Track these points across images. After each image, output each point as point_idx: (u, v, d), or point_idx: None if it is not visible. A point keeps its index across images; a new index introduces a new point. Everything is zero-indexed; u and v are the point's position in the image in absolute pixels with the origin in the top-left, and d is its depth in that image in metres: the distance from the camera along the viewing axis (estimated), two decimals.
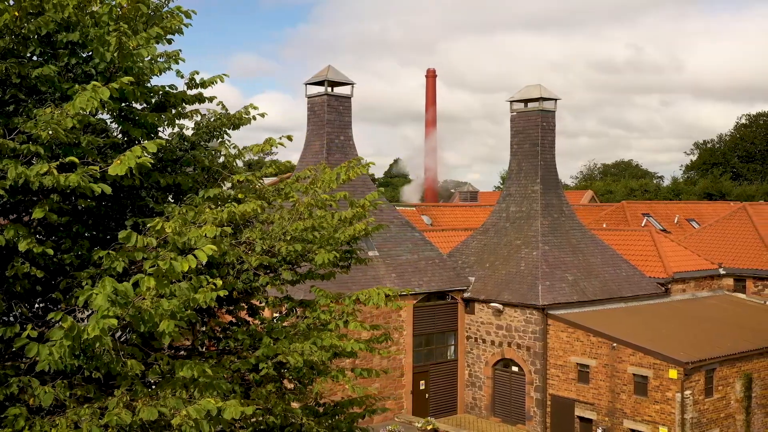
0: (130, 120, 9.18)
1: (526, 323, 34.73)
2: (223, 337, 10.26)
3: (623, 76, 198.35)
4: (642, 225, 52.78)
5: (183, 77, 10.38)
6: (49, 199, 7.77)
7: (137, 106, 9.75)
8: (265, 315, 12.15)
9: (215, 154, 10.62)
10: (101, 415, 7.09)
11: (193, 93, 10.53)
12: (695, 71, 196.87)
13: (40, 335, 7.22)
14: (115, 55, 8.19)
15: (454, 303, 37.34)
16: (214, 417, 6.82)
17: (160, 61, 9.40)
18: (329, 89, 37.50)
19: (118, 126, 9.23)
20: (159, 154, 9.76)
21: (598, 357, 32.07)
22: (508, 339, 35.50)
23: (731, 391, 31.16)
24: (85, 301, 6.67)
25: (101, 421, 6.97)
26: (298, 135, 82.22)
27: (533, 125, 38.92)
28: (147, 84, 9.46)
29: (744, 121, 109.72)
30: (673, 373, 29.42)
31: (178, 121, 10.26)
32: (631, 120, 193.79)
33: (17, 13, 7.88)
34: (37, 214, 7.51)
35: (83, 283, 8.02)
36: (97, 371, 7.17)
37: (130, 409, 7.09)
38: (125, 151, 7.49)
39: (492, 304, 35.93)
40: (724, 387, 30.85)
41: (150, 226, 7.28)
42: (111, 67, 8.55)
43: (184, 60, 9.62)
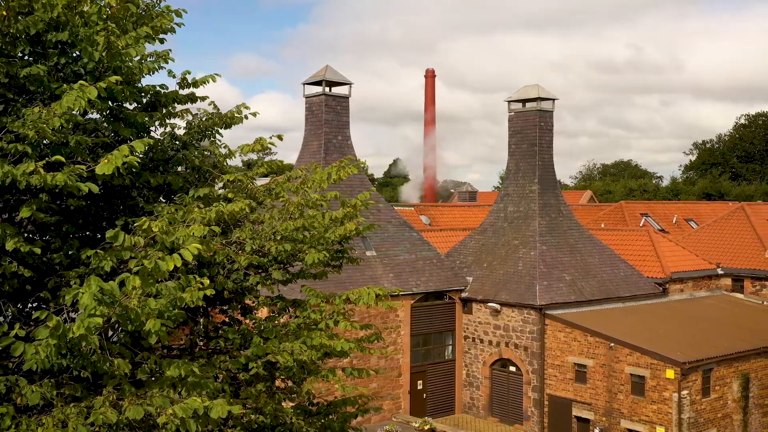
0: (120, 120, 9.18)
1: (524, 323, 34.74)
2: (214, 337, 10.26)
3: (623, 76, 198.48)
4: (640, 225, 52.77)
5: (174, 77, 10.38)
6: (38, 198, 7.78)
7: (128, 105, 9.77)
8: (259, 315, 12.16)
9: (206, 153, 10.62)
10: (87, 414, 7.09)
11: (186, 93, 10.54)
12: (695, 71, 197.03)
13: (29, 334, 7.22)
14: (103, 54, 8.20)
15: (451, 303, 37.35)
16: (202, 416, 6.82)
17: (149, 60, 9.39)
18: (327, 89, 37.53)
19: (108, 126, 9.22)
20: (150, 154, 9.77)
21: (596, 357, 32.07)
22: (505, 339, 35.50)
23: (728, 391, 31.16)
24: (74, 301, 6.67)
25: (87, 420, 6.96)
26: (297, 135, 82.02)
27: (531, 125, 38.93)
28: (137, 84, 9.47)
29: (743, 121, 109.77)
30: (670, 373, 29.42)
31: (169, 121, 10.27)
32: (631, 120, 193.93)
33: (5, 13, 7.88)
34: (24, 213, 7.52)
35: (71, 283, 8.03)
36: (84, 370, 7.17)
37: (117, 409, 7.09)
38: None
39: (489, 304, 35.94)
40: (721, 387, 30.85)
41: (137, 226, 7.29)
42: (100, 67, 8.55)
43: (174, 60, 9.63)
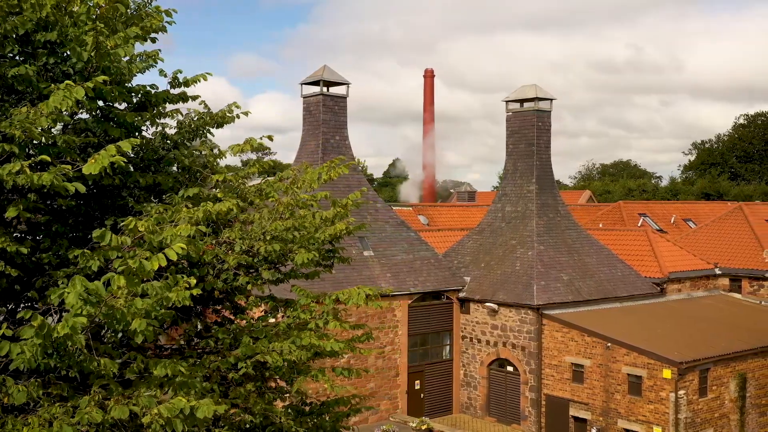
0: (110, 120, 9.19)
1: (521, 323, 34.75)
2: (205, 337, 10.27)
3: (623, 76, 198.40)
4: (638, 225, 52.78)
5: (166, 76, 10.39)
6: (26, 198, 7.78)
7: (119, 106, 9.78)
8: (253, 315, 12.15)
9: (196, 153, 10.62)
10: (74, 414, 7.09)
11: (177, 92, 10.54)
12: (695, 71, 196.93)
13: (15, 334, 7.22)
14: (92, 54, 8.20)
15: (449, 303, 37.35)
16: (189, 416, 6.83)
17: (139, 60, 9.40)
18: (325, 89, 37.55)
19: (98, 126, 9.22)
20: (140, 154, 9.78)
21: (593, 357, 32.07)
22: (503, 339, 35.51)
23: (725, 391, 31.16)
24: (61, 300, 6.68)
25: (73, 420, 6.97)
26: (297, 135, 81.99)
27: (529, 125, 38.93)
28: (128, 84, 9.47)
29: (742, 121, 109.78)
30: (666, 373, 29.42)
31: (160, 121, 10.28)
32: (631, 120, 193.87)
33: None
34: (10, 213, 7.52)
35: (59, 283, 8.03)
36: (71, 370, 7.17)
37: (103, 408, 7.09)
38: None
39: (487, 304, 35.94)
40: (718, 387, 30.85)
41: (123, 225, 7.29)
42: (89, 67, 8.56)
43: (163, 60, 9.64)
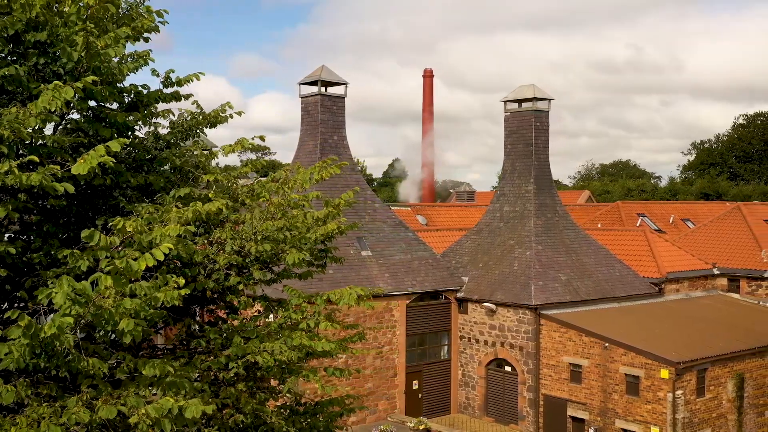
0: (101, 120, 9.18)
1: (519, 323, 34.75)
2: (197, 336, 10.26)
3: (623, 76, 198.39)
4: (637, 225, 52.78)
5: (158, 75, 10.39)
6: (16, 198, 7.77)
7: (113, 105, 9.78)
8: (247, 315, 12.15)
9: (187, 153, 10.63)
10: (62, 414, 7.09)
11: (170, 91, 10.54)
12: (695, 71, 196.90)
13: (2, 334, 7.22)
14: (82, 54, 8.20)
15: (447, 303, 37.35)
16: (177, 416, 6.83)
17: (129, 60, 9.39)
18: (323, 89, 37.55)
19: (89, 126, 9.22)
20: (132, 154, 9.78)
21: (591, 357, 32.07)
22: (501, 339, 35.51)
23: (723, 391, 31.15)
24: (50, 300, 6.67)
25: (60, 420, 6.97)
26: (297, 135, 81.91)
27: (527, 125, 38.93)
28: (120, 84, 9.47)
29: (741, 121, 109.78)
30: (664, 373, 29.42)
31: (153, 120, 10.27)
32: (631, 120, 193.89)
33: None
34: None
35: (49, 282, 8.03)
36: (60, 370, 7.17)
37: (90, 408, 7.09)
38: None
39: (485, 304, 35.94)
40: (716, 387, 30.84)
41: (112, 225, 7.29)
42: (79, 67, 8.55)
43: (154, 60, 9.64)
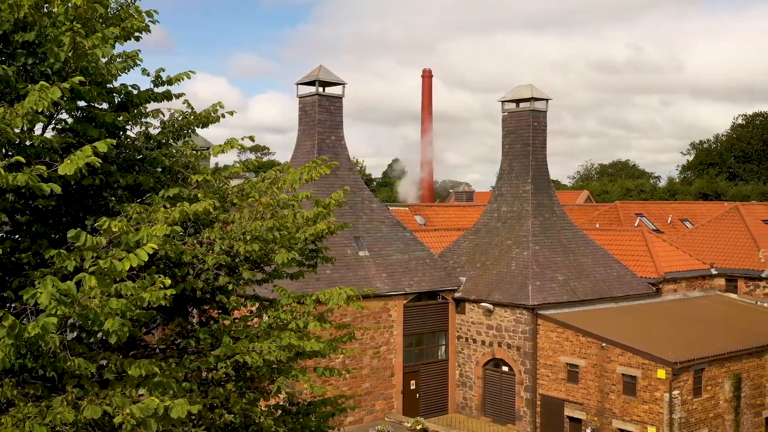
0: (90, 120, 9.18)
1: (516, 323, 34.75)
2: (186, 336, 10.27)
3: (623, 76, 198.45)
4: (635, 225, 52.78)
5: (149, 75, 10.40)
6: (4, 198, 7.77)
7: (104, 105, 9.78)
8: (239, 315, 12.15)
9: (177, 153, 10.63)
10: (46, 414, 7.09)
11: (161, 90, 10.54)
12: (695, 71, 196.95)
13: None
14: (69, 55, 8.20)
15: (444, 303, 37.35)
16: (162, 415, 6.83)
17: (118, 60, 9.40)
18: (320, 89, 37.55)
19: (78, 126, 9.22)
20: (123, 154, 9.78)
21: (588, 357, 32.08)
22: (498, 339, 35.51)
23: (720, 391, 31.15)
24: (36, 301, 6.67)
25: (45, 420, 6.97)
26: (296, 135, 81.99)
27: (524, 125, 38.93)
28: (110, 84, 9.47)
29: (740, 121, 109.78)
30: (661, 373, 29.42)
31: (144, 120, 10.28)
32: (631, 120, 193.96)
33: None
34: None
35: (36, 282, 8.03)
36: (46, 369, 7.17)
37: (76, 408, 7.09)
38: None
39: (482, 304, 35.94)
40: (713, 387, 30.85)
41: (97, 226, 7.29)
42: (66, 67, 8.56)
43: (143, 60, 9.64)
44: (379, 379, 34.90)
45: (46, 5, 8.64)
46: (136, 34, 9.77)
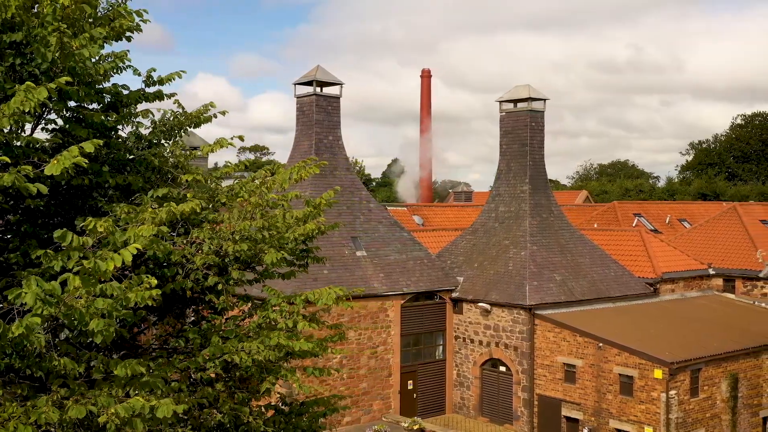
0: (79, 120, 9.19)
1: (514, 323, 34.75)
2: (175, 336, 10.28)
3: (624, 76, 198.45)
4: (633, 225, 52.78)
5: (140, 75, 10.40)
6: None
7: (94, 105, 9.78)
8: (231, 315, 12.14)
9: (168, 153, 10.63)
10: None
11: (153, 90, 10.55)
12: (696, 71, 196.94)
13: None
14: (56, 55, 8.21)
15: (442, 303, 37.36)
16: (147, 415, 6.83)
17: (107, 61, 9.39)
18: (318, 89, 37.55)
19: (67, 126, 9.23)
20: (112, 154, 9.78)
21: (585, 357, 32.08)
22: (495, 339, 35.52)
23: (717, 391, 31.15)
24: (22, 302, 6.67)
25: (30, 420, 6.97)
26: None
27: (522, 125, 38.94)
28: (100, 84, 9.47)
29: (740, 121, 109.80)
30: (658, 373, 29.42)
31: (135, 120, 10.28)
32: (631, 120, 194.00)
33: None
34: None
35: (23, 282, 8.03)
36: (32, 369, 7.18)
37: (61, 408, 7.09)
38: None
39: (480, 304, 35.94)
40: (710, 387, 30.84)
41: (83, 226, 7.30)
42: (54, 68, 8.56)
43: (131, 60, 9.64)
44: (376, 379, 34.91)
45: (36, 5, 8.64)
46: (127, 34, 9.80)
